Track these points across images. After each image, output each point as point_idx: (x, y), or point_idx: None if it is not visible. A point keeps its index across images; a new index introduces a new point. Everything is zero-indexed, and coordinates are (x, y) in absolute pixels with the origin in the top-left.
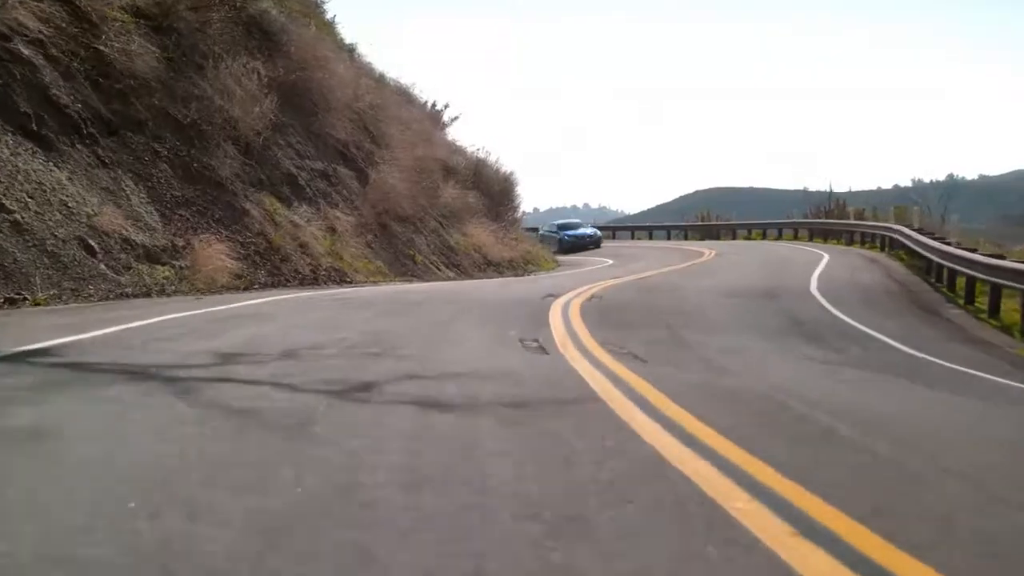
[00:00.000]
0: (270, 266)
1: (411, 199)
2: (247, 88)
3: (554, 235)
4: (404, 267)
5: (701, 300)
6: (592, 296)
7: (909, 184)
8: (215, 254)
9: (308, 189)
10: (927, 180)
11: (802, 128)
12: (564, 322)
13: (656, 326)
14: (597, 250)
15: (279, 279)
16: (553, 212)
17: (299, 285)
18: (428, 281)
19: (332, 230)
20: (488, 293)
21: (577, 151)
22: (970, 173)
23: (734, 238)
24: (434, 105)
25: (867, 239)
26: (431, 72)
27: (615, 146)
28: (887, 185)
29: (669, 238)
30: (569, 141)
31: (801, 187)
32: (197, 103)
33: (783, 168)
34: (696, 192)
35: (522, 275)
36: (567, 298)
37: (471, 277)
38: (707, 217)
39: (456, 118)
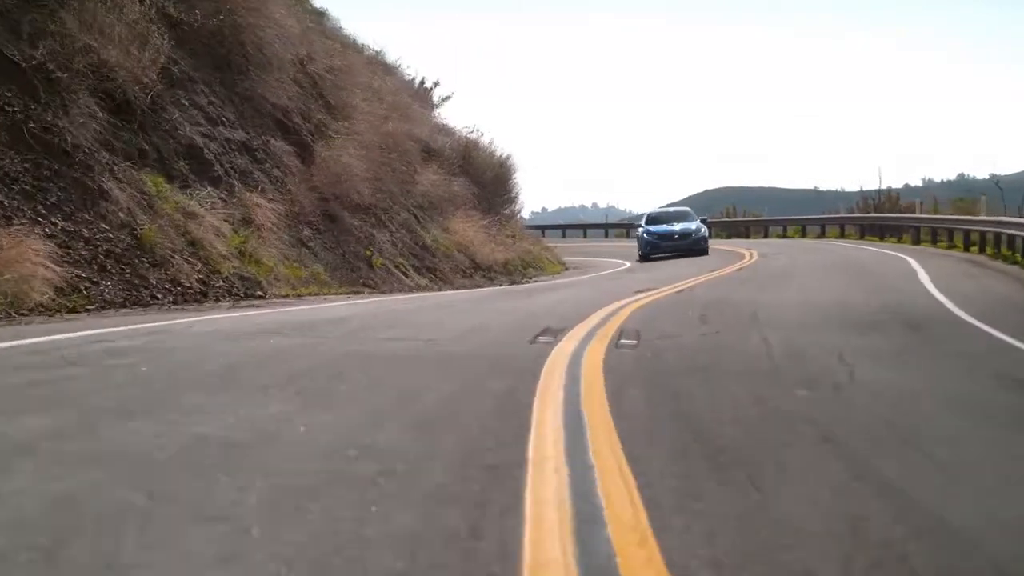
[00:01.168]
0: (129, 274)
1: (373, 184)
2: (131, 23)
3: (641, 231)
4: (356, 273)
5: (821, 343)
6: (620, 334)
7: (919, 183)
8: (30, 256)
9: (218, 165)
10: (937, 180)
11: (807, 128)
12: (571, 453)
13: (819, 464)
14: (634, 252)
15: (139, 295)
16: (562, 212)
17: (173, 304)
18: (384, 293)
19: (247, 222)
20: (436, 330)
21: (584, 150)
22: (980, 172)
23: (766, 236)
24: (422, 83)
25: (939, 236)
26: (434, 67)
27: (622, 145)
28: (897, 184)
29: None
30: (576, 140)
31: (812, 186)
32: (51, 41)
33: (792, 167)
34: (706, 191)
35: (520, 282)
36: (577, 341)
37: (451, 285)
38: (733, 213)
39: (448, 98)
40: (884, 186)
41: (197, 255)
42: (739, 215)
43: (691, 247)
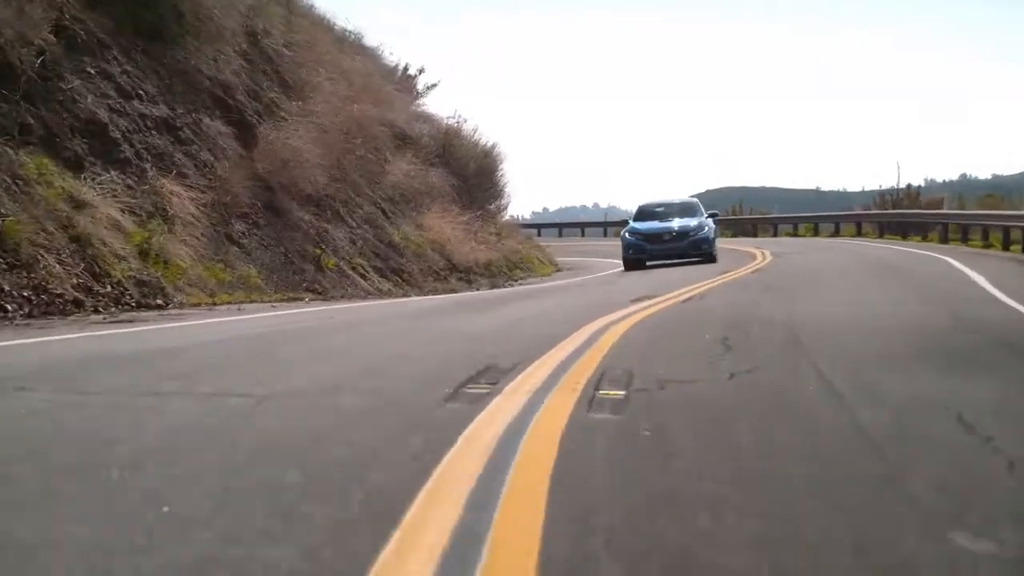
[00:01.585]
0: None
1: (329, 171)
2: None
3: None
4: (300, 276)
5: (913, 389)
6: (600, 378)
7: (921, 184)
8: None
9: (126, 145)
10: (939, 180)
11: (807, 129)
12: None
13: None
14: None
15: None
16: (563, 212)
17: (28, 316)
18: (330, 300)
19: (158, 213)
20: (305, 373)
21: (586, 151)
22: (983, 172)
23: (775, 234)
24: (406, 69)
25: (970, 235)
26: (437, 65)
27: (624, 146)
28: (899, 184)
29: None
30: (578, 141)
31: (814, 187)
32: None
33: (792, 168)
34: (708, 191)
35: (502, 285)
36: (525, 397)
37: (419, 289)
38: (739, 210)
39: (434, 86)
40: (892, 184)
41: (81, 254)
42: (745, 213)
43: (689, 251)
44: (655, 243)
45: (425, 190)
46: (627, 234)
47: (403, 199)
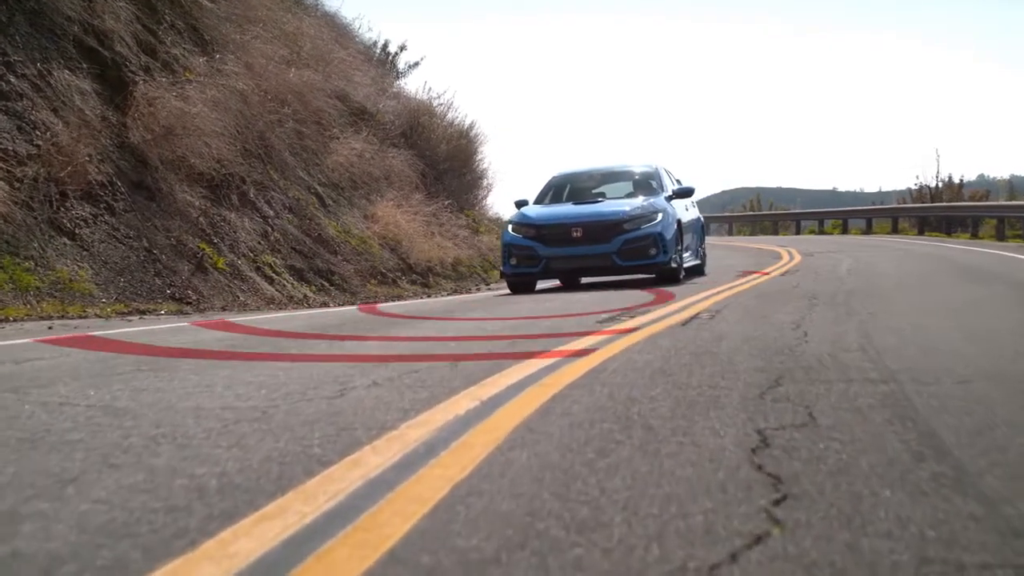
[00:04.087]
0: None
1: (242, 145)
2: None
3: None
4: (165, 278)
5: None
6: None
7: (940, 184)
8: None
9: None
10: (956, 179)
11: (825, 127)
12: None
13: None
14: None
15: None
16: None
17: None
18: (203, 312)
19: None
20: None
21: (597, 152)
22: (1002, 172)
23: (798, 232)
24: (385, 46)
25: None
26: (442, 66)
27: (636, 148)
28: (915, 185)
29: (707, 233)
30: (589, 142)
31: (831, 187)
32: None
33: (808, 169)
34: (724, 192)
35: (470, 289)
36: None
37: (354, 296)
38: (757, 205)
39: (416, 64)
40: (912, 183)
41: None
42: (764, 208)
43: (619, 261)
44: (556, 244)
45: (382, 175)
46: (511, 227)
47: (351, 184)
